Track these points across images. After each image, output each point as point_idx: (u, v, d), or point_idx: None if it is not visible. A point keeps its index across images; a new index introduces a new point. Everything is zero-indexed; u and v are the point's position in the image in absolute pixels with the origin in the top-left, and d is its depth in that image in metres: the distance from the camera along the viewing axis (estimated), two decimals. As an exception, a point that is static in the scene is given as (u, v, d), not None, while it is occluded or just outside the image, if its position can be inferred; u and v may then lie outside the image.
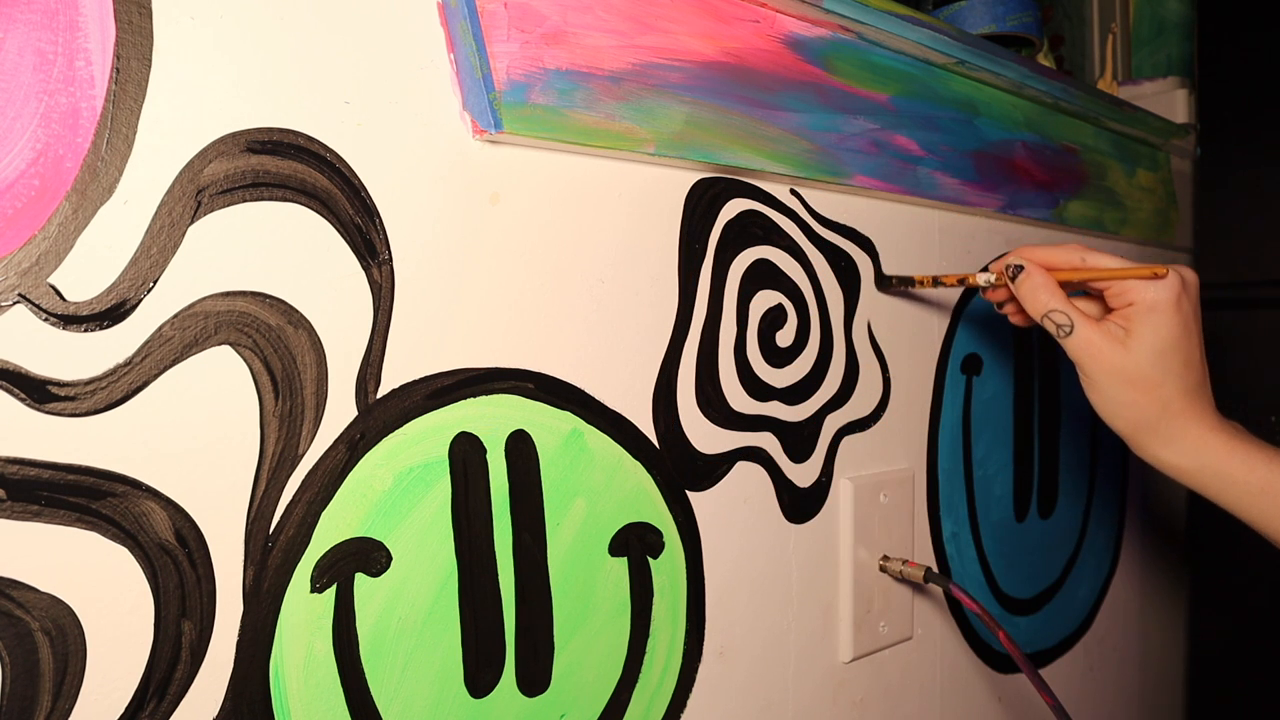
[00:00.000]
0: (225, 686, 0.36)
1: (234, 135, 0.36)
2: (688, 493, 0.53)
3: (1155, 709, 0.99)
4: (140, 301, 0.34)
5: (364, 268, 0.40)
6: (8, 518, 0.31)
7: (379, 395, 0.40)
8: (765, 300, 0.56)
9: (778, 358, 0.57)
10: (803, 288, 0.59)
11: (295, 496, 0.38)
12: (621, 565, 0.49)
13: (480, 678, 0.44)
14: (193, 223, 0.35)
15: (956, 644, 0.72)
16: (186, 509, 0.35)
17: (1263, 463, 0.49)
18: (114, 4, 0.33)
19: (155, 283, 0.34)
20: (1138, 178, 0.90)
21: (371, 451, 0.40)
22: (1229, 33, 0.91)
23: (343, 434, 0.39)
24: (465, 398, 0.43)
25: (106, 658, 0.34)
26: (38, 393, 0.32)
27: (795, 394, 0.58)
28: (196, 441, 0.35)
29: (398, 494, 0.41)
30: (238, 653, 0.37)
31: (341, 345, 0.39)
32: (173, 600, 0.35)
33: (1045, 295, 0.51)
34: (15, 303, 0.32)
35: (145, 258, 0.34)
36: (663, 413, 0.51)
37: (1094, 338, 0.49)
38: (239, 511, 0.37)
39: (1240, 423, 0.52)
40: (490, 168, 0.44)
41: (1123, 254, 0.89)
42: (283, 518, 0.38)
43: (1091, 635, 0.88)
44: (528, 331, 0.45)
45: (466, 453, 0.43)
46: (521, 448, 0.45)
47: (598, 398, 0.48)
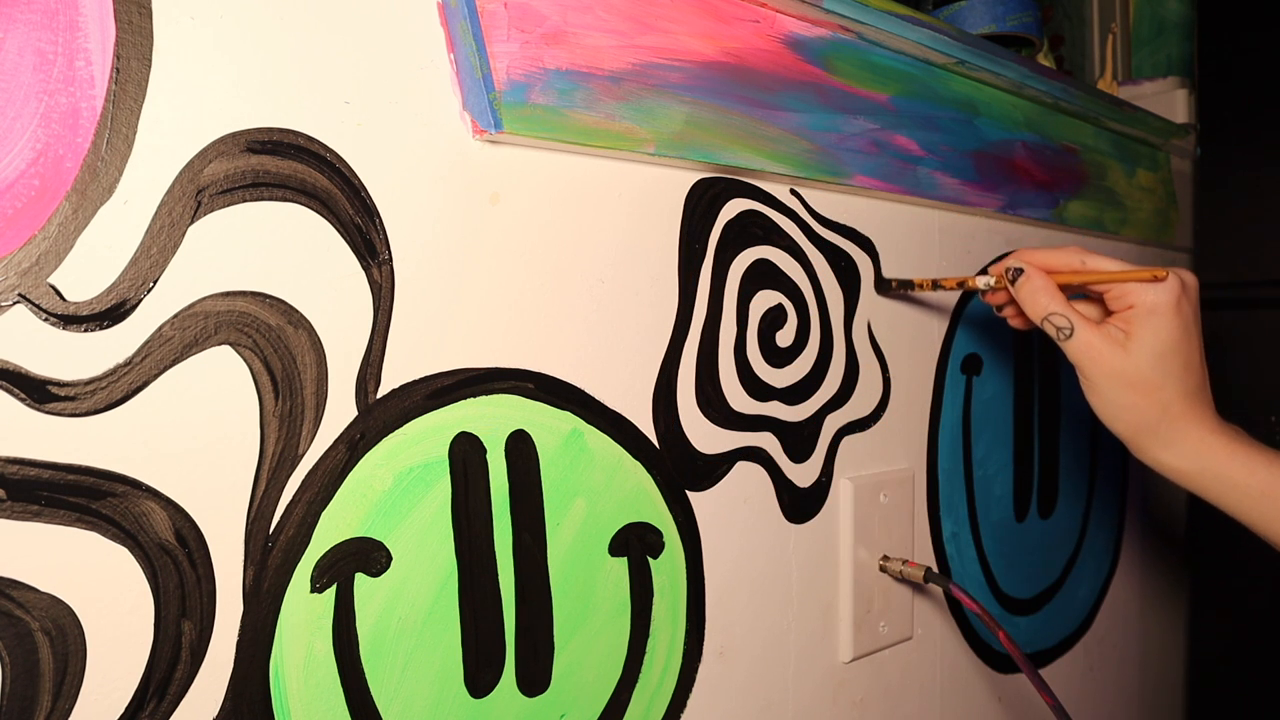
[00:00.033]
0: (225, 686, 0.36)
1: (234, 135, 0.36)
2: (688, 493, 0.53)
3: (1155, 709, 0.99)
4: (140, 301, 0.34)
5: (364, 268, 0.40)
6: (8, 518, 0.31)
7: (379, 395, 0.40)
8: (765, 300, 0.56)
9: (778, 358, 0.57)
10: (803, 288, 0.59)
11: (295, 496, 0.38)
12: (621, 565, 0.49)
13: (480, 678, 0.44)
14: (193, 223, 0.35)
15: (956, 644, 0.72)
16: (186, 509, 0.35)
17: (1263, 466, 0.49)
18: (114, 4, 0.33)
19: (155, 283, 0.34)
20: (1138, 178, 0.90)
21: (371, 451, 0.40)
22: (1229, 33, 0.91)
23: (343, 434, 0.39)
24: (465, 398, 0.43)
25: (106, 658, 0.34)
26: (38, 393, 0.32)
27: (795, 394, 0.58)
28: (196, 441, 0.35)
29: (398, 494, 0.41)
30: (238, 653, 0.37)
31: (341, 345, 0.39)
32: (173, 600, 0.35)
33: (1045, 298, 0.51)
34: (15, 303, 0.32)
35: (145, 258, 0.34)
36: (663, 413, 0.51)
37: (1094, 341, 0.49)
38: (239, 511, 0.37)
39: (1240, 422, 0.52)
40: (490, 168, 0.44)
41: (1123, 254, 0.90)
42: (283, 518, 0.38)
43: (1091, 635, 0.88)
44: (528, 331, 0.45)
45: (466, 453, 0.43)
46: (521, 448, 0.45)
47: (598, 398, 0.48)
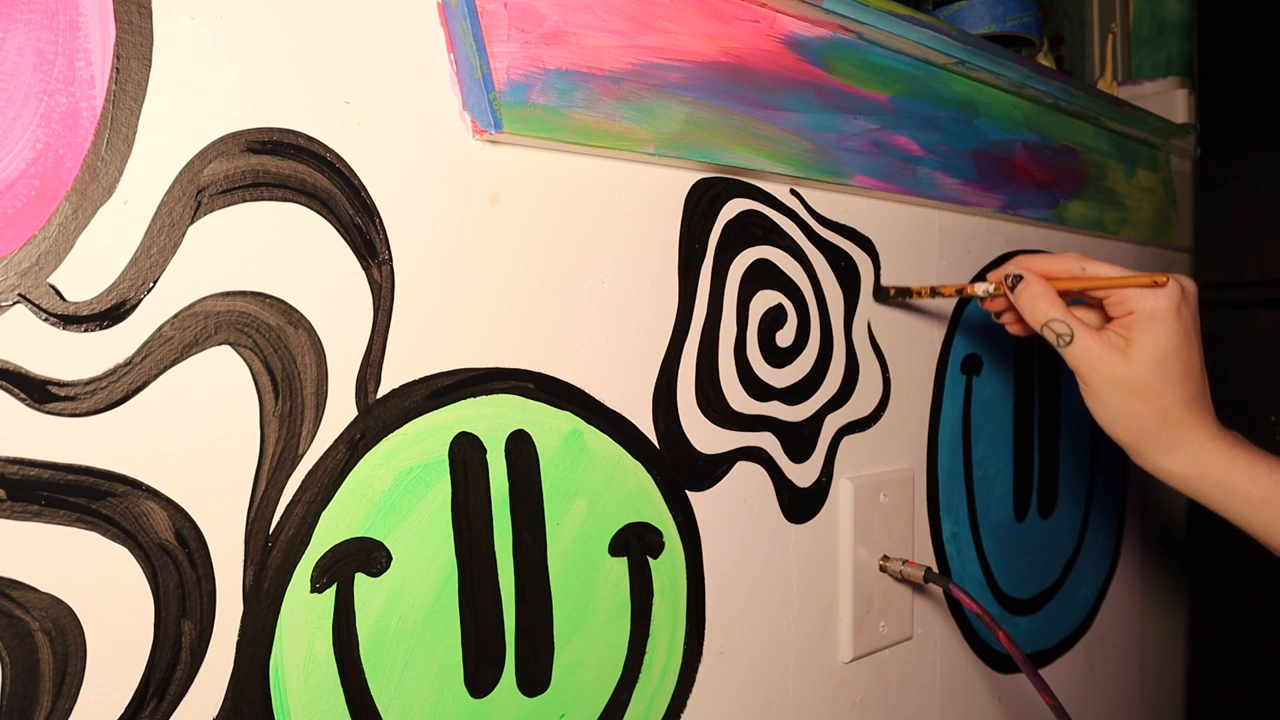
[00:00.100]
0: (225, 686, 0.36)
1: (234, 135, 0.36)
2: (688, 493, 0.53)
3: (1155, 709, 0.99)
4: (140, 301, 0.34)
5: (364, 268, 0.40)
6: (8, 518, 0.31)
7: (379, 395, 0.40)
8: (765, 300, 0.56)
9: (778, 358, 0.57)
10: (803, 288, 0.59)
11: (295, 496, 0.38)
12: (621, 565, 0.49)
13: (480, 678, 0.44)
14: (193, 223, 0.35)
15: (956, 644, 0.72)
16: (186, 509, 0.35)
17: (1264, 472, 0.49)
18: (114, 4, 0.33)
19: (155, 283, 0.34)
20: (1138, 178, 0.90)
21: (371, 451, 0.40)
22: (1229, 33, 0.91)
23: (343, 434, 0.39)
24: (465, 398, 0.43)
25: (106, 658, 0.34)
26: (38, 393, 0.32)
27: (795, 394, 0.58)
28: (196, 441, 0.35)
29: (398, 494, 0.41)
30: (238, 653, 0.37)
31: (341, 345, 0.39)
32: (173, 600, 0.35)
33: (1045, 305, 0.51)
34: (15, 303, 0.32)
35: (145, 258, 0.34)
36: (663, 413, 0.51)
37: (1094, 347, 0.49)
38: (239, 511, 0.37)
39: (1241, 422, 0.52)
40: (490, 168, 0.44)
41: (1123, 254, 0.90)
42: (283, 518, 0.38)
43: (1091, 635, 0.88)
44: (528, 331, 0.45)
45: (466, 453, 0.43)
46: (521, 448, 0.45)
47: (598, 398, 0.48)
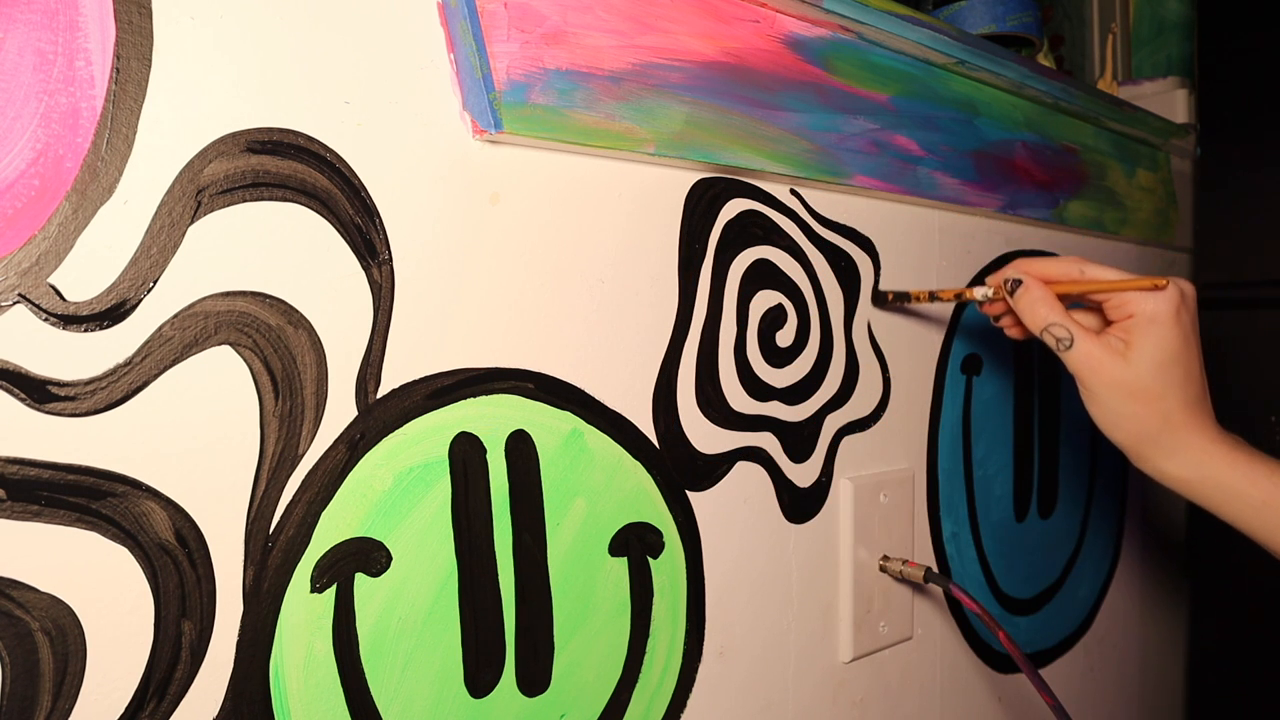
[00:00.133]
0: (225, 686, 0.36)
1: (234, 135, 0.36)
2: (688, 493, 0.53)
3: (1155, 709, 0.99)
4: (140, 301, 0.34)
5: (364, 268, 0.40)
6: (8, 518, 0.31)
7: (379, 395, 0.40)
8: (765, 300, 0.56)
9: (778, 358, 0.57)
10: (803, 288, 0.59)
11: (295, 496, 0.38)
12: (621, 565, 0.49)
13: (480, 678, 0.44)
14: (193, 223, 0.35)
15: (956, 644, 0.72)
16: (186, 509, 0.35)
17: (1265, 476, 0.49)
18: (114, 4, 0.33)
19: (155, 283, 0.34)
20: (1138, 178, 0.90)
21: (371, 451, 0.40)
22: (1229, 33, 0.91)
23: (343, 434, 0.39)
24: (465, 398, 0.43)
25: (106, 658, 0.34)
26: (38, 393, 0.32)
27: (795, 394, 0.58)
28: (196, 441, 0.35)
29: (398, 494, 0.41)
30: (238, 653, 0.37)
31: (341, 345, 0.39)
32: (173, 600, 0.35)
33: (1044, 309, 0.51)
34: (15, 303, 0.32)
35: (145, 258, 0.34)
36: (663, 413, 0.51)
37: (1094, 351, 0.49)
38: (239, 511, 0.37)
39: (1240, 422, 0.52)
40: (490, 168, 0.44)
41: (1122, 254, 0.90)
42: (283, 518, 0.38)
43: (1091, 635, 0.88)
44: (528, 331, 0.45)
45: (466, 453, 0.43)
46: (521, 448, 0.45)
47: (598, 398, 0.48)
